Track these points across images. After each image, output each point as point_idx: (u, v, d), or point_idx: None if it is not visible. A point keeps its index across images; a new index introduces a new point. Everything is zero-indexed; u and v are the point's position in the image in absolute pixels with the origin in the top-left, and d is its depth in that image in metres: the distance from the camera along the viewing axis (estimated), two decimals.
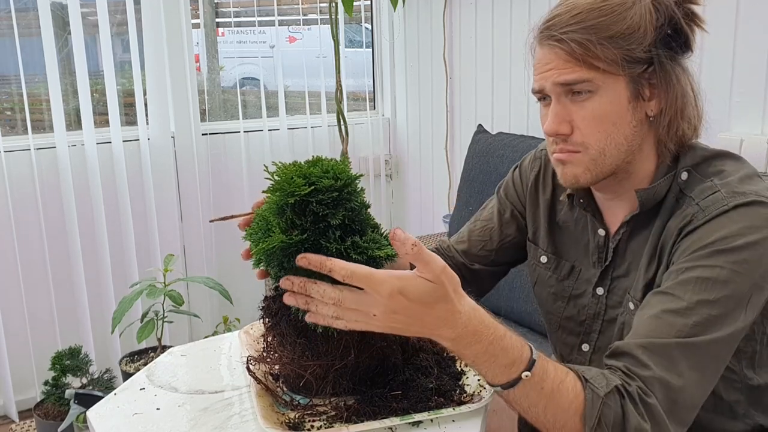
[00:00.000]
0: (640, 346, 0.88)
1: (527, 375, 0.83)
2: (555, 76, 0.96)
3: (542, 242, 1.17)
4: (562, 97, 0.97)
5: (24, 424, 2.41)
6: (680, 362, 0.86)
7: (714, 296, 0.88)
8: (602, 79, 0.95)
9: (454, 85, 2.76)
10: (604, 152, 0.97)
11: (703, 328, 0.88)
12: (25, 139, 2.37)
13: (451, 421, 0.84)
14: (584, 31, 0.94)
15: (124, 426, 0.87)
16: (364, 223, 0.86)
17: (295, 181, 0.81)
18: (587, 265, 1.10)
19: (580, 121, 0.97)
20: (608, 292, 1.07)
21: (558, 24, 0.96)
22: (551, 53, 0.97)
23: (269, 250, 0.81)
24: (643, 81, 0.96)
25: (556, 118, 0.98)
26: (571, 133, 0.98)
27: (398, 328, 0.79)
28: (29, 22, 2.36)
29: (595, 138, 0.97)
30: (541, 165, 1.20)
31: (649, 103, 0.97)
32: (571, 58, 0.94)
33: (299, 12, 2.95)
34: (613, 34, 0.93)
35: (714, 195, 0.94)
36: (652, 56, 0.95)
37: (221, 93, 3.09)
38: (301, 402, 0.88)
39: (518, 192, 1.23)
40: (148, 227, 2.58)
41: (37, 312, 2.42)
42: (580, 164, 0.99)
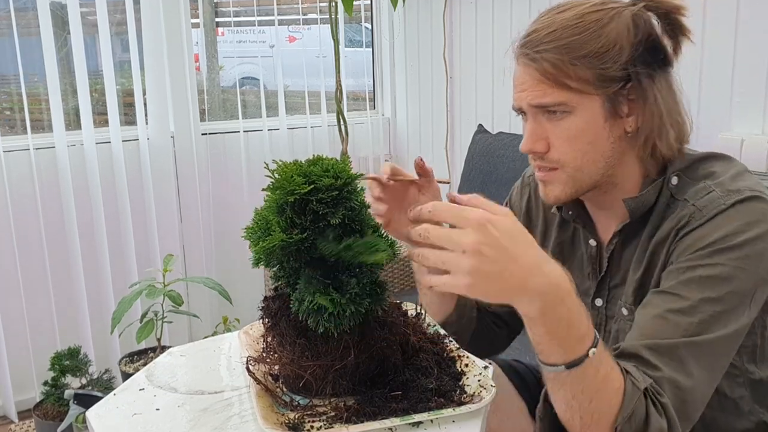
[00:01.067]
0: (647, 348, 0.88)
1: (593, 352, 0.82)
2: (530, 98, 0.97)
3: None
4: (538, 116, 0.98)
5: (23, 424, 2.41)
6: (689, 362, 0.87)
7: (718, 294, 0.88)
8: (577, 100, 0.94)
9: (454, 85, 2.76)
10: (581, 169, 0.98)
11: (709, 326, 0.88)
12: (24, 139, 2.36)
13: (451, 422, 0.84)
14: (558, 51, 0.93)
15: (124, 426, 0.86)
16: (364, 222, 0.86)
17: (295, 179, 0.81)
18: (582, 278, 1.10)
19: (556, 140, 0.97)
20: (607, 303, 1.07)
21: (533, 42, 0.95)
22: (525, 73, 0.97)
23: (269, 249, 0.81)
24: (621, 98, 0.95)
25: (532, 136, 0.98)
26: (548, 150, 0.98)
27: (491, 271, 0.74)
28: (29, 22, 2.36)
29: (570, 156, 0.97)
30: (530, 192, 1.21)
31: (628, 119, 0.97)
32: (544, 79, 0.94)
33: (299, 12, 2.94)
34: (587, 53, 0.92)
35: (710, 195, 0.94)
36: (630, 73, 0.94)
37: (221, 93, 3.09)
38: (300, 402, 0.88)
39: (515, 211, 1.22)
40: (147, 227, 2.58)
41: (37, 312, 2.42)
42: (559, 182, 1.00)
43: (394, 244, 0.86)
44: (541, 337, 0.83)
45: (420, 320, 1.03)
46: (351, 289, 0.82)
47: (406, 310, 1.01)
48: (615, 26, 0.93)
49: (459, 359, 0.96)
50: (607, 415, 0.84)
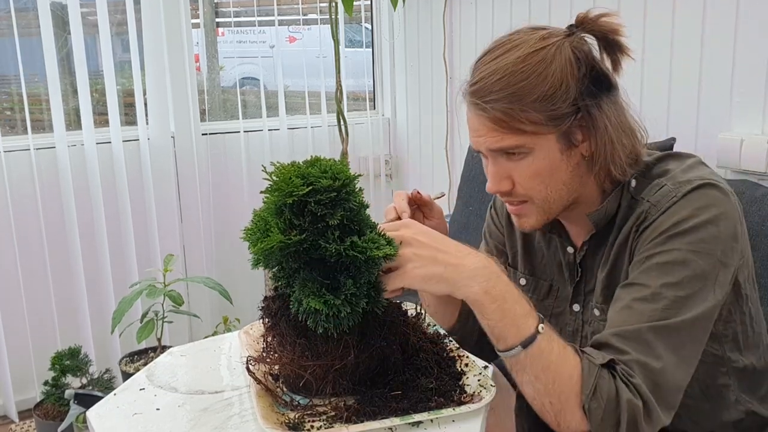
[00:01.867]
0: (615, 335, 0.90)
1: (542, 328, 0.87)
2: (487, 144, 0.99)
3: (520, 265, 1.21)
4: (498, 158, 1.01)
5: (24, 424, 2.41)
6: (656, 345, 0.89)
7: (677, 278, 0.91)
8: (532, 141, 0.96)
9: (454, 85, 2.76)
10: (548, 200, 1.01)
11: (674, 311, 0.90)
12: (24, 139, 2.37)
13: (451, 422, 0.84)
14: (507, 100, 0.94)
15: (124, 426, 0.87)
16: (363, 223, 0.86)
17: (294, 181, 0.81)
18: (563, 283, 1.14)
19: (519, 177, 1.00)
20: (583, 308, 1.10)
21: (482, 90, 0.96)
22: (478, 120, 0.99)
23: (268, 250, 0.81)
24: (573, 129, 0.98)
25: (495, 177, 1.01)
26: (513, 187, 1.01)
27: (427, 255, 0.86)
28: (29, 22, 2.36)
29: (535, 191, 1.01)
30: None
31: (582, 144, 0.99)
32: (497, 127, 0.96)
33: (299, 12, 2.94)
34: (536, 98, 0.94)
35: (662, 189, 0.98)
36: (579, 107, 0.96)
37: (221, 93, 3.09)
38: (300, 402, 0.88)
39: (498, 227, 1.27)
40: (147, 227, 2.58)
41: (37, 312, 2.42)
42: (531, 213, 1.04)
43: (392, 242, 0.87)
44: (493, 319, 0.87)
45: (420, 320, 1.03)
46: (347, 290, 0.82)
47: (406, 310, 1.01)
48: (558, 64, 0.95)
49: (459, 359, 0.97)
50: (572, 394, 0.86)
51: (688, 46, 1.79)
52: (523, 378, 0.89)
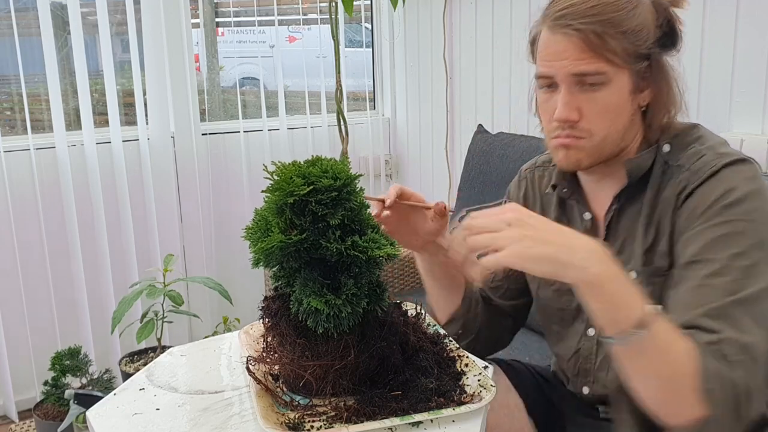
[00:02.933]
0: (701, 316, 0.89)
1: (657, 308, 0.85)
2: (571, 67, 1.00)
3: None
4: (572, 86, 1.01)
5: (24, 424, 2.41)
6: (742, 319, 0.89)
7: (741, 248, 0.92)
8: (613, 72, 0.99)
9: (454, 85, 2.76)
10: (606, 139, 1.03)
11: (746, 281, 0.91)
12: (24, 139, 2.36)
13: (451, 422, 0.84)
14: (601, 24, 0.97)
15: (124, 426, 0.86)
16: (364, 222, 0.86)
17: (294, 180, 0.81)
18: None
19: (588, 110, 1.01)
20: None
21: (574, 13, 0.99)
22: (566, 41, 0.99)
23: (268, 250, 0.81)
24: (642, 75, 1.02)
25: (567, 106, 1.01)
26: (579, 120, 1.02)
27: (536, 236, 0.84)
28: (29, 22, 2.36)
29: (600, 126, 1.02)
30: (527, 184, 1.27)
31: (642, 94, 1.04)
32: (587, 49, 0.98)
33: (299, 12, 2.94)
34: (625, 30, 0.98)
35: (702, 158, 1.00)
36: (651, 53, 1.01)
37: (221, 93, 3.09)
38: (300, 402, 0.88)
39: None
40: (147, 227, 2.58)
41: (37, 312, 2.42)
42: (583, 150, 1.04)
43: (394, 243, 0.87)
44: (607, 302, 0.84)
45: (420, 320, 1.03)
46: (348, 290, 0.82)
47: (406, 310, 1.01)
48: (644, 7, 1.00)
49: (459, 359, 0.96)
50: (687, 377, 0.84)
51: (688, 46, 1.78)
52: (633, 365, 0.87)
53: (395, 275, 2.37)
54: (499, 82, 2.53)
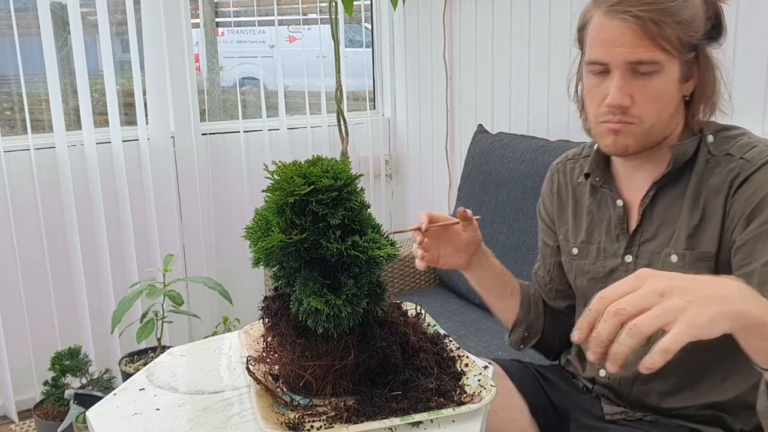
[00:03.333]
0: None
1: None
2: (627, 54, 1.02)
3: (571, 237, 1.25)
4: (626, 73, 1.04)
5: (23, 424, 2.41)
6: None
7: None
8: (666, 60, 1.02)
9: (454, 85, 2.76)
10: (654, 126, 1.06)
11: None
12: (24, 139, 2.36)
13: (451, 422, 0.84)
14: (659, 12, 1.00)
15: (124, 426, 0.86)
16: (364, 223, 0.86)
17: (295, 180, 0.81)
18: (610, 240, 1.17)
19: (640, 97, 1.04)
20: (636, 258, 1.13)
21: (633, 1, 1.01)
22: (624, 27, 1.01)
23: (268, 250, 0.81)
24: (689, 65, 1.05)
25: (621, 91, 1.03)
26: (630, 105, 1.05)
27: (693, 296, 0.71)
28: (29, 22, 2.36)
29: (650, 113, 1.05)
30: (558, 177, 1.30)
31: (687, 83, 1.07)
32: (645, 36, 1.00)
33: (299, 12, 2.94)
34: (681, 20, 1.01)
35: (755, 149, 1.04)
36: (699, 44, 1.04)
37: (221, 93, 3.09)
38: (300, 402, 0.88)
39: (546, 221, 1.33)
40: (147, 227, 2.58)
41: (37, 312, 2.42)
42: (632, 135, 1.06)
43: (395, 243, 0.86)
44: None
45: (420, 320, 1.03)
46: (348, 290, 0.82)
47: (406, 310, 1.01)
48: (695, 1, 1.03)
49: (459, 359, 0.96)
50: None
51: None
52: None
53: (395, 275, 2.37)
54: (499, 82, 2.53)
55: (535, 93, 2.35)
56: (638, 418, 1.16)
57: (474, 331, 1.98)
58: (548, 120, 2.30)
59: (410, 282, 2.40)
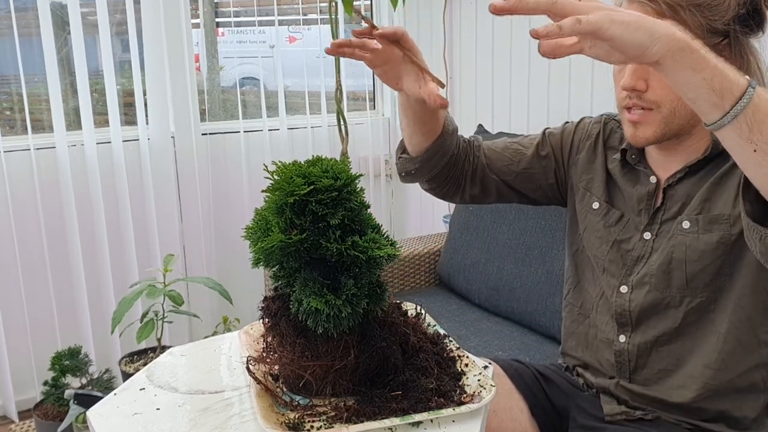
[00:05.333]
0: None
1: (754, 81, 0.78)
2: None
3: (596, 190, 1.23)
4: None
5: (23, 424, 2.41)
6: None
7: None
8: None
9: (454, 85, 2.76)
10: (674, 112, 1.03)
11: None
12: (24, 139, 2.37)
13: (451, 422, 0.84)
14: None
15: (124, 426, 0.86)
16: (364, 223, 0.86)
17: (295, 180, 0.81)
18: (635, 213, 1.16)
19: (656, 81, 1.02)
20: (656, 236, 1.12)
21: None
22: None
23: (268, 250, 0.81)
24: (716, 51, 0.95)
25: (634, 74, 1.02)
26: (646, 90, 1.03)
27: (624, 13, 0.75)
28: (29, 22, 2.36)
29: (668, 98, 1.02)
30: (601, 128, 1.26)
31: None
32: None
33: (299, 12, 2.94)
34: (701, 3, 0.97)
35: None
36: (729, 30, 0.99)
37: (221, 93, 3.09)
38: (300, 402, 0.88)
39: (564, 141, 1.29)
40: (147, 227, 2.58)
41: (37, 312, 2.42)
42: (652, 124, 1.05)
43: (395, 243, 0.86)
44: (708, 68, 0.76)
45: (420, 320, 1.03)
46: (348, 290, 0.82)
47: (406, 310, 1.01)
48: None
49: (459, 359, 0.97)
50: None
51: None
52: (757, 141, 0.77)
53: (395, 275, 2.37)
54: (499, 82, 2.53)
55: (535, 93, 2.35)
56: (638, 418, 1.15)
57: (474, 331, 1.98)
58: (548, 120, 2.30)
59: (410, 282, 2.40)
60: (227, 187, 2.77)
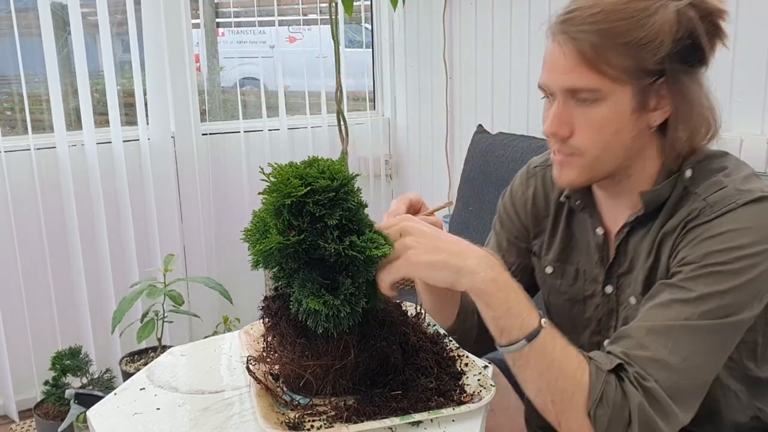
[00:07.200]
0: (644, 328, 0.89)
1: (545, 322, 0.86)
2: (562, 81, 0.95)
3: (546, 253, 1.17)
4: (567, 100, 0.96)
5: (24, 424, 2.41)
6: (684, 344, 0.87)
7: (724, 287, 0.89)
8: (609, 87, 0.92)
9: (454, 85, 2.76)
10: (600, 158, 0.97)
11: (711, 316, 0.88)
12: (25, 139, 2.37)
13: (451, 421, 0.84)
14: (600, 34, 0.91)
15: (125, 426, 0.87)
16: (362, 222, 0.86)
17: (292, 182, 0.81)
18: (590, 265, 1.10)
19: (580, 127, 0.96)
20: (617, 290, 1.07)
21: (575, 20, 0.92)
22: (560, 51, 0.94)
23: (266, 252, 0.81)
24: (651, 92, 0.93)
25: (556, 119, 0.97)
26: (570, 135, 0.97)
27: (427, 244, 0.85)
28: (29, 22, 2.36)
29: (592, 145, 0.96)
30: (536, 182, 1.19)
31: (654, 113, 0.96)
32: (580, 62, 0.92)
33: (299, 12, 2.95)
34: (629, 42, 0.90)
35: (721, 191, 0.93)
36: (664, 68, 0.92)
37: (221, 93, 3.09)
38: (301, 402, 0.88)
39: (511, 217, 1.23)
40: (148, 227, 2.59)
41: (38, 312, 2.42)
42: (576, 167, 0.99)
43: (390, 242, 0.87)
44: (498, 310, 0.86)
45: (420, 320, 1.03)
46: (346, 289, 0.82)
47: (406, 310, 1.01)
48: (660, 18, 0.90)
49: (459, 359, 0.97)
50: (576, 395, 0.85)
51: None
52: (525, 375, 0.88)
53: None
54: (499, 82, 2.53)
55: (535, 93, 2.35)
56: None
57: None
58: None
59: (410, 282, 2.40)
60: (227, 187, 2.77)
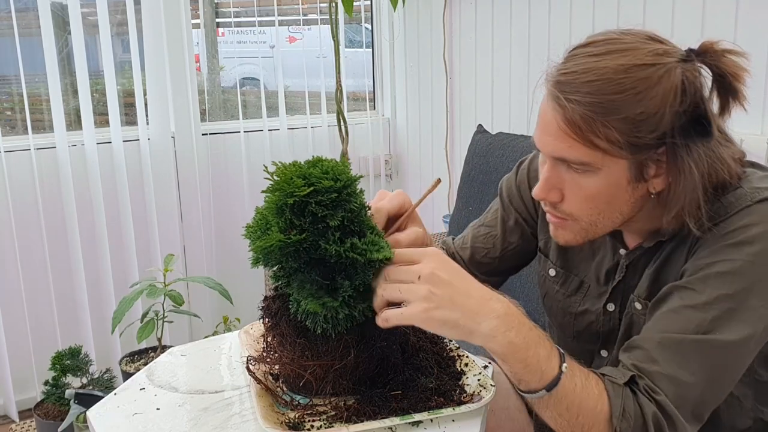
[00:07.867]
0: (654, 341, 0.87)
1: (566, 367, 0.83)
2: (551, 149, 0.90)
3: (552, 255, 1.14)
4: (558, 165, 0.91)
5: (24, 423, 2.41)
6: (693, 360, 0.85)
7: (732, 290, 0.86)
8: (602, 161, 0.87)
9: (454, 85, 2.76)
10: (595, 224, 0.94)
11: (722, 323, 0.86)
12: (25, 139, 2.37)
13: (451, 421, 0.84)
14: (591, 107, 0.84)
15: (124, 426, 0.87)
16: (363, 224, 0.86)
17: (295, 181, 0.81)
18: (597, 281, 1.08)
19: (570, 194, 0.92)
20: (619, 307, 1.06)
21: (568, 85, 0.86)
22: (552, 115, 0.88)
23: (267, 249, 0.81)
24: (650, 161, 0.88)
25: (546, 184, 0.93)
26: (561, 200, 0.93)
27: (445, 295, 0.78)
28: (29, 22, 2.36)
29: (585, 213, 0.93)
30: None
31: (654, 180, 0.90)
32: (570, 133, 0.86)
33: (299, 12, 2.95)
34: (624, 117, 0.84)
35: (736, 191, 0.90)
36: (665, 142, 0.86)
37: (221, 93, 3.09)
38: (301, 402, 0.88)
39: (524, 197, 1.18)
40: (148, 227, 2.59)
41: (38, 312, 2.42)
42: (572, 230, 0.96)
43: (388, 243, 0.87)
44: (516, 367, 0.82)
45: None
46: (345, 292, 0.82)
47: None
48: (661, 89, 0.84)
49: (459, 359, 0.97)
50: (599, 422, 0.84)
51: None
52: (545, 414, 0.86)
53: None
54: (499, 82, 2.53)
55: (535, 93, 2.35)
56: None
57: None
58: None
59: None
60: (227, 187, 2.77)
